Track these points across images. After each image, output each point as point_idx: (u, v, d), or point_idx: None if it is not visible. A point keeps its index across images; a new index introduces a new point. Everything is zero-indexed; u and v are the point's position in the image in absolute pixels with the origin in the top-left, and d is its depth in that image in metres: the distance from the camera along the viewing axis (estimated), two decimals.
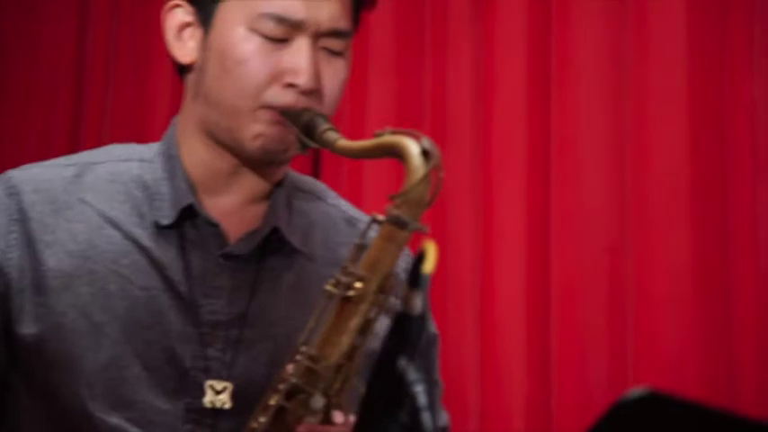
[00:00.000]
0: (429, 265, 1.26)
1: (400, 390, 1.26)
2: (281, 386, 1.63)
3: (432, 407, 1.25)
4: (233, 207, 1.83)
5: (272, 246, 1.82)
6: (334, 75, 1.78)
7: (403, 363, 1.26)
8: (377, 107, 3.29)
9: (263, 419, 1.64)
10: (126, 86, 3.54)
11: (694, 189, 3.04)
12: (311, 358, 1.61)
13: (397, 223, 1.60)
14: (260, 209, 1.84)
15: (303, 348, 1.62)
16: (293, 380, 1.61)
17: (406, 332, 1.27)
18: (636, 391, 1.17)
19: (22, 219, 1.79)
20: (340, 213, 1.94)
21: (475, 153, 3.22)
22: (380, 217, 1.61)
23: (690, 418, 1.19)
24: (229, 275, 1.79)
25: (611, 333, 3.05)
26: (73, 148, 3.43)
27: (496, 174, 3.19)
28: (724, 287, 3.00)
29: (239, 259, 1.80)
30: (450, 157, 3.18)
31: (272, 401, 1.63)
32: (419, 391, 1.25)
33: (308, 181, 1.96)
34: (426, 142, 1.61)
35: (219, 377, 1.76)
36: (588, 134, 3.13)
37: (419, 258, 1.27)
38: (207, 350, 1.77)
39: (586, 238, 3.09)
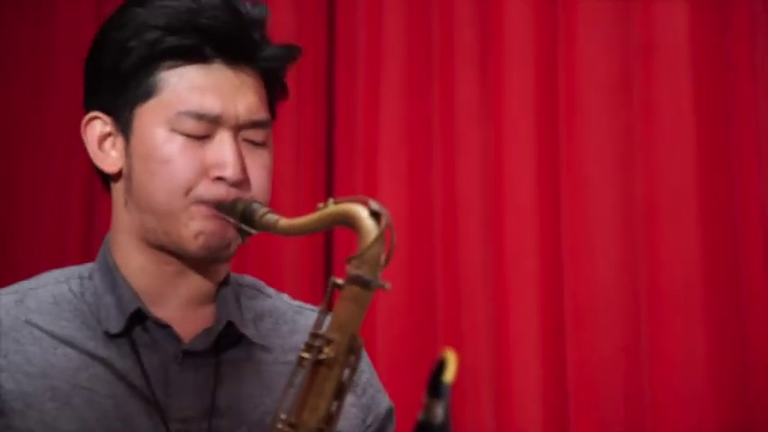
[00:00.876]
0: (449, 375, 1.28)
1: None
2: None
3: None
4: (181, 311, 1.84)
5: (227, 340, 1.84)
6: (260, 165, 1.82)
7: None
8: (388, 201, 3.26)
9: None
10: None
11: (707, 276, 3.01)
12: (291, 425, 1.62)
13: (359, 283, 1.62)
14: (209, 310, 1.86)
15: (282, 416, 1.63)
16: None
17: None
18: None
19: None
20: (286, 305, 1.97)
21: (486, 247, 3.21)
22: (340, 281, 1.63)
23: None
24: (191, 372, 1.81)
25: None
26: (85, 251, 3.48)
27: (509, 267, 3.16)
28: (741, 382, 2.97)
29: (197, 356, 1.82)
30: (463, 248, 3.21)
31: None
32: None
33: (248, 278, 1.98)
34: (374, 204, 1.64)
35: None
36: (599, 225, 3.12)
37: (439, 367, 1.28)
38: None
39: (601, 336, 3.07)
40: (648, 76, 3.07)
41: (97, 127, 1.84)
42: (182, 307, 1.84)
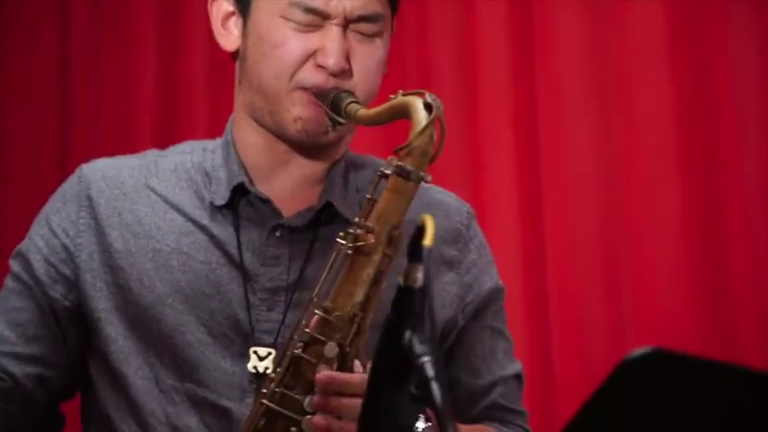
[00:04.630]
0: (428, 239, 1.28)
1: (407, 362, 1.27)
2: (296, 336, 1.69)
3: (440, 377, 1.25)
4: (288, 189, 1.90)
5: (326, 218, 1.89)
6: (367, 56, 1.86)
7: (408, 335, 1.27)
8: None
9: (279, 369, 1.69)
10: (111, 86, 3.49)
11: (683, 149, 3.09)
12: (325, 309, 1.67)
13: (401, 174, 1.66)
14: (316, 190, 1.91)
15: (317, 300, 1.68)
16: (307, 330, 1.67)
17: (410, 305, 1.28)
18: (640, 349, 1.18)
19: (90, 205, 1.91)
20: None
21: (463, 130, 3.21)
22: (388, 170, 1.67)
23: (695, 374, 1.20)
24: (287, 245, 1.87)
25: (608, 291, 3.10)
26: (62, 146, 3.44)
27: (486, 148, 3.21)
28: (715, 240, 3.06)
29: (294, 231, 1.88)
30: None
31: (288, 351, 1.69)
32: (426, 362, 1.26)
33: (367, 158, 2.01)
34: (429, 97, 1.68)
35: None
36: (574, 98, 3.17)
37: (418, 232, 1.29)
38: (270, 314, 1.85)
39: (578, 197, 3.14)
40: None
41: (223, 5, 1.92)
42: (289, 185, 1.90)
